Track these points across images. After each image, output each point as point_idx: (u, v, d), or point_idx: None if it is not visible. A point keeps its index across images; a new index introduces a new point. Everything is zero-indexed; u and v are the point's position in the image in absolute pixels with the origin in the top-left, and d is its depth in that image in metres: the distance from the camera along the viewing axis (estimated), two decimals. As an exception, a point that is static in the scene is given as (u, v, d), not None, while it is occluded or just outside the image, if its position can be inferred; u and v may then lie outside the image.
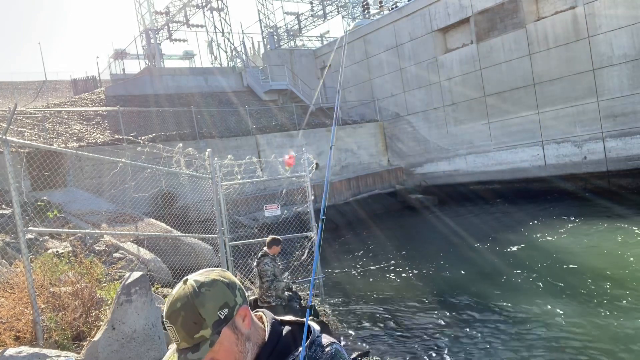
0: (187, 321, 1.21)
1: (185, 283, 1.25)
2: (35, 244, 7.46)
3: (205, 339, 1.22)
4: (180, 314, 1.21)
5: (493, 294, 8.92)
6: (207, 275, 1.27)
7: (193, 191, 9.77)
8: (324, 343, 1.36)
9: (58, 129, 17.12)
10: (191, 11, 30.22)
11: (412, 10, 21.70)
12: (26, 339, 4.33)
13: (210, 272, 1.29)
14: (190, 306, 1.21)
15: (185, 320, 1.21)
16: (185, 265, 8.88)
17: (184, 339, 1.22)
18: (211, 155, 8.51)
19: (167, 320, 1.23)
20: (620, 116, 15.71)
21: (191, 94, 24.24)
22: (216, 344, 1.23)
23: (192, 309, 1.21)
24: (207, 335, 1.22)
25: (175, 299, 1.23)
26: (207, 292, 1.23)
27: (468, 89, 19.95)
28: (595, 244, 11.03)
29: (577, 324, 7.10)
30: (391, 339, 7.62)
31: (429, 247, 13.82)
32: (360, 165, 22.52)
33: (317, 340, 1.37)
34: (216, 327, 1.23)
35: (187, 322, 1.21)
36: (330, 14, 32.08)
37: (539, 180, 17.96)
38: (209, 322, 1.22)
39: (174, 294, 1.24)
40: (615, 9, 15.32)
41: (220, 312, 1.24)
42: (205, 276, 1.27)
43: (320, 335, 1.39)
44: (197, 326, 1.21)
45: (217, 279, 1.27)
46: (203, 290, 1.23)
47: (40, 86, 32.88)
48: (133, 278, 4.19)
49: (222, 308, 1.25)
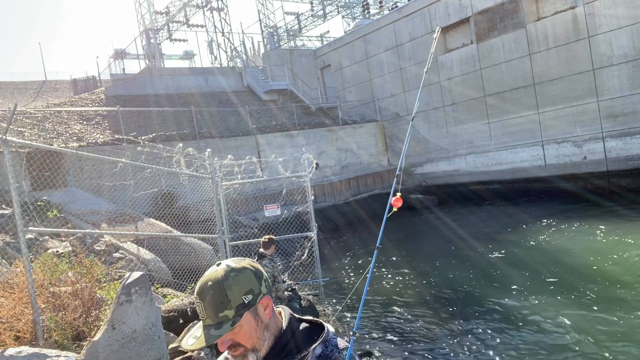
0: (214, 300, 1.33)
1: (219, 266, 1.38)
2: (35, 244, 7.46)
3: (227, 318, 1.33)
4: (209, 292, 1.33)
5: (493, 294, 8.92)
6: (238, 262, 1.40)
7: (193, 191, 9.77)
8: (340, 345, 1.43)
9: (58, 129, 17.12)
10: (191, 11, 30.23)
11: (412, 10, 21.70)
12: (26, 339, 4.33)
13: (242, 261, 1.42)
14: (219, 287, 1.33)
15: (212, 299, 1.33)
16: (185, 265, 8.88)
17: (209, 316, 1.33)
18: (211, 155, 8.51)
19: (197, 296, 1.35)
20: (620, 116, 15.70)
21: (191, 94, 24.24)
22: (237, 325, 1.34)
23: (220, 290, 1.33)
24: (230, 315, 1.33)
25: (207, 278, 1.36)
26: (236, 277, 1.35)
27: (468, 89, 19.95)
28: (595, 244, 11.03)
29: (578, 324, 7.10)
30: (392, 339, 7.62)
31: (429, 247, 13.82)
32: (360, 165, 22.52)
33: (332, 341, 1.42)
34: (239, 310, 1.34)
35: (214, 300, 1.33)
36: (330, 14, 32.08)
37: (539, 180, 17.96)
38: (234, 304, 1.33)
39: (206, 274, 1.37)
40: (615, 9, 15.31)
41: (245, 297, 1.35)
42: (237, 263, 1.39)
43: (336, 337, 1.45)
44: (223, 306, 1.33)
45: (247, 267, 1.39)
46: (232, 274, 1.35)
47: (40, 86, 32.88)
48: (133, 278, 4.18)
49: (246, 294, 1.36)
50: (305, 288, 9.78)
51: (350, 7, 33.79)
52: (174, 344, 5.11)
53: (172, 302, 6.98)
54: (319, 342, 1.40)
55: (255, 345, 1.38)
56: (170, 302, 6.99)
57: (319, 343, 1.40)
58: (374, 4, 33.82)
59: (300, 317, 1.52)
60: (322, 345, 1.40)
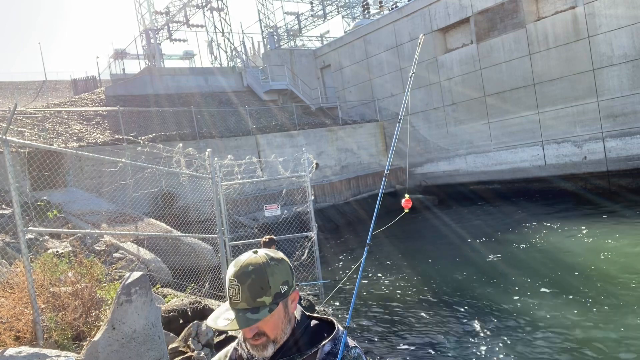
0: (254, 284, 1.32)
1: (257, 253, 1.38)
2: (35, 244, 7.45)
3: (264, 305, 1.33)
4: (250, 276, 1.32)
5: (493, 294, 8.92)
6: (276, 253, 1.41)
7: (193, 191, 9.77)
8: (349, 343, 1.44)
9: (58, 129, 17.12)
10: (191, 11, 30.22)
11: (412, 10, 21.69)
12: (26, 339, 4.33)
13: (278, 252, 1.43)
14: (262, 272, 1.33)
15: (253, 283, 1.32)
16: (185, 265, 8.88)
17: (245, 300, 1.32)
18: (211, 155, 8.51)
19: (234, 278, 1.33)
20: (620, 116, 15.70)
21: (191, 94, 24.24)
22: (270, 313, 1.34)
23: (262, 275, 1.33)
24: (267, 302, 1.33)
25: (247, 262, 1.35)
26: (276, 265, 1.36)
27: (468, 89, 19.95)
28: (595, 244, 11.02)
29: (578, 324, 7.10)
30: (392, 339, 7.62)
31: (429, 247, 13.82)
32: (360, 165, 22.52)
33: (342, 339, 1.44)
34: (276, 298, 1.35)
35: (255, 285, 1.32)
36: (330, 14, 32.08)
37: (539, 180, 17.96)
38: (272, 291, 1.34)
39: (244, 259, 1.36)
40: (615, 9, 15.31)
41: (282, 287, 1.36)
42: (275, 253, 1.41)
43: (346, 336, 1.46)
44: (262, 291, 1.32)
45: (284, 258, 1.41)
46: (273, 263, 1.36)
47: (40, 86, 32.88)
48: (133, 278, 4.18)
49: (284, 284, 1.37)
50: (307, 288, 9.79)
51: (350, 7, 33.79)
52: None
53: (172, 302, 6.98)
54: (328, 339, 1.42)
55: (277, 337, 1.39)
56: (170, 302, 6.99)
57: (328, 340, 1.41)
58: (374, 4, 33.82)
59: (311, 314, 1.53)
60: (332, 343, 1.42)
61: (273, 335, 1.38)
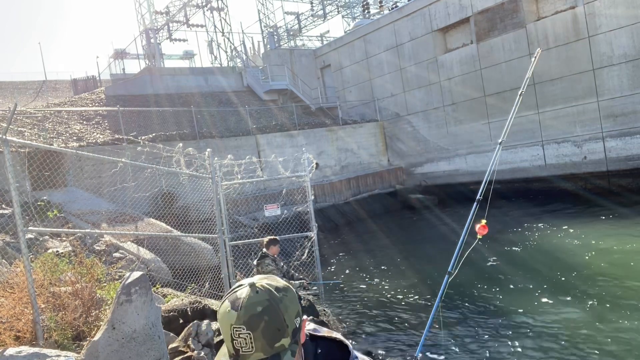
0: (269, 328, 1.06)
1: (254, 287, 1.10)
2: (35, 244, 7.45)
3: (284, 348, 1.08)
4: (262, 319, 1.06)
5: (493, 294, 8.92)
6: (275, 280, 1.15)
7: (193, 191, 9.77)
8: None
9: (58, 128, 17.12)
10: (191, 11, 30.22)
11: (412, 10, 21.70)
12: (26, 338, 4.33)
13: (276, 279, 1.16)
14: (275, 311, 1.08)
15: (267, 327, 1.06)
16: (185, 265, 8.89)
17: (261, 349, 1.06)
18: (211, 155, 8.51)
19: (242, 326, 1.06)
20: (620, 116, 15.70)
21: (191, 93, 24.24)
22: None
23: (276, 315, 1.08)
24: (287, 344, 1.09)
25: (252, 302, 1.07)
26: (286, 297, 1.11)
27: (468, 89, 19.95)
28: (595, 244, 11.02)
29: (578, 324, 7.10)
30: (392, 339, 7.62)
31: (429, 246, 13.82)
32: (360, 165, 22.52)
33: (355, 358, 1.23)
34: (294, 337, 1.11)
35: (270, 328, 1.06)
36: (330, 14, 32.09)
37: (539, 180, 17.97)
38: (290, 329, 1.10)
39: (245, 299, 1.08)
40: (615, 9, 15.31)
41: (296, 320, 1.13)
42: (274, 280, 1.15)
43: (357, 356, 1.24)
44: (280, 334, 1.07)
45: (288, 285, 1.16)
46: (281, 294, 1.11)
47: (40, 86, 32.88)
48: (133, 278, 4.18)
49: (297, 316, 1.13)
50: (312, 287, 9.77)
51: (350, 7, 33.80)
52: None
53: (172, 302, 6.98)
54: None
55: None
56: (170, 302, 6.99)
57: None
58: (374, 3, 33.82)
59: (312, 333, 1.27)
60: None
61: None
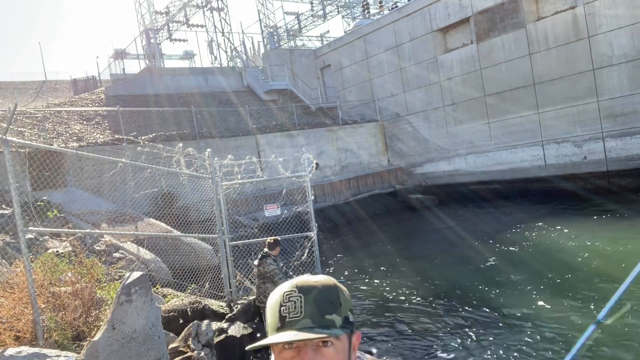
0: (323, 297, 1.02)
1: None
2: (35, 244, 7.46)
3: (334, 325, 1.01)
4: (317, 287, 1.03)
5: (493, 294, 8.92)
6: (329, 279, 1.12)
7: (193, 191, 9.77)
8: None
9: (58, 129, 17.12)
10: (191, 11, 30.22)
11: (412, 10, 21.69)
12: (26, 338, 4.33)
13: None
14: (331, 287, 1.05)
15: (321, 295, 1.02)
16: (185, 265, 8.89)
17: (310, 315, 0.99)
18: (211, 155, 8.51)
19: (294, 289, 1.02)
20: (620, 116, 15.70)
21: (191, 93, 24.24)
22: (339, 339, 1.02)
23: (332, 289, 1.05)
24: (337, 323, 1.01)
25: (307, 278, 1.06)
26: (342, 289, 1.09)
27: (468, 89, 19.95)
28: (596, 244, 11.02)
29: (578, 324, 7.10)
30: (392, 339, 7.62)
31: (429, 247, 13.82)
32: (360, 165, 22.52)
33: None
34: (345, 324, 1.04)
35: (323, 298, 1.02)
36: (330, 14, 32.08)
37: (539, 180, 17.96)
38: (343, 312, 1.04)
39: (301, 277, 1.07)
40: (615, 9, 15.31)
41: (350, 314, 1.07)
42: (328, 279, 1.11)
43: None
44: (332, 307, 1.02)
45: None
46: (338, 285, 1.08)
47: (40, 86, 32.87)
48: (133, 278, 4.18)
49: (351, 312, 1.08)
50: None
51: (350, 7, 33.79)
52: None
53: (172, 302, 6.98)
54: None
55: None
56: (170, 302, 6.99)
57: None
58: (374, 4, 33.82)
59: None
60: None
61: None
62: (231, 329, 6.54)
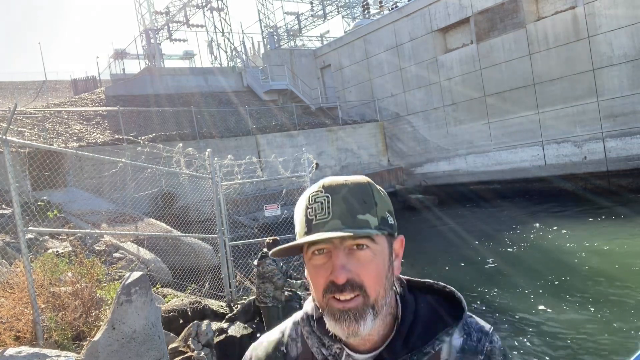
0: (354, 195, 0.89)
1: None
2: (35, 244, 7.46)
3: (368, 225, 0.88)
4: (346, 185, 0.90)
5: (493, 294, 8.92)
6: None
7: (193, 191, 9.78)
8: (484, 327, 0.97)
9: (58, 129, 17.12)
10: (191, 11, 30.23)
11: (412, 10, 21.70)
12: (26, 338, 4.33)
13: None
14: (363, 184, 0.92)
15: (351, 193, 0.89)
16: (185, 265, 8.89)
17: (339, 216, 0.87)
18: (211, 155, 8.51)
19: (321, 189, 0.90)
20: (620, 116, 15.71)
21: (191, 93, 24.25)
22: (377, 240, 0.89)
23: (364, 186, 0.92)
24: (373, 224, 0.88)
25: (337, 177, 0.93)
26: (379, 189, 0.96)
27: (468, 89, 19.95)
28: (596, 244, 11.03)
29: (578, 324, 7.10)
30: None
31: (429, 246, 13.82)
32: (360, 165, 22.52)
33: (471, 322, 0.97)
34: (382, 225, 0.90)
35: (354, 196, 0.89)
36: (330, 14, 32.09)
37: (539, 180, 17.96)
38: (379, 212, 0.90)
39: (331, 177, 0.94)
40: (615, 9, 15.31)
41: (389, 216, 0.93)
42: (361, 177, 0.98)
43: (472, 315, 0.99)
44: (365, 206, 0.89)
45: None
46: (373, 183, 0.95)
47: (40, 86, 32.87)
48: (133, 278, 4.18)
49: (390, 213, 0.94)
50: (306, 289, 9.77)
51: (350, 7, 33.80)
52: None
53: (172, 302, 6.99)
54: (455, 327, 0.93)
55: (378, 302, 0.88)
56: (170, 302, 7.00)
57: (455, 328, 0.92)
58: (374, 4, 33.83)
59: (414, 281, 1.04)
60: (461, 331, 0.94)
61: (374, 292, 0.87)
62: (231, 329, 6.54)
